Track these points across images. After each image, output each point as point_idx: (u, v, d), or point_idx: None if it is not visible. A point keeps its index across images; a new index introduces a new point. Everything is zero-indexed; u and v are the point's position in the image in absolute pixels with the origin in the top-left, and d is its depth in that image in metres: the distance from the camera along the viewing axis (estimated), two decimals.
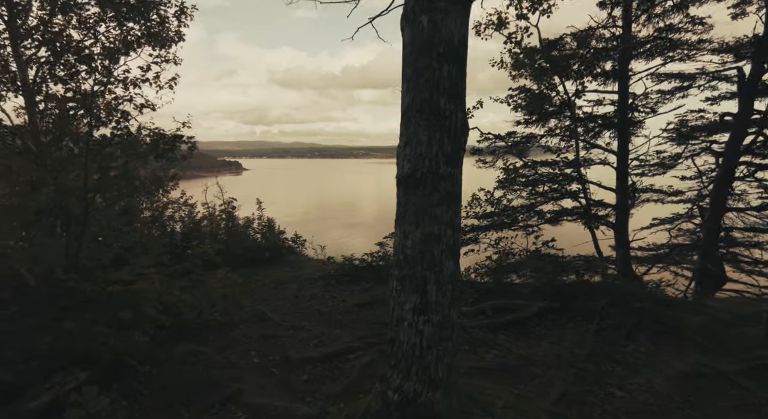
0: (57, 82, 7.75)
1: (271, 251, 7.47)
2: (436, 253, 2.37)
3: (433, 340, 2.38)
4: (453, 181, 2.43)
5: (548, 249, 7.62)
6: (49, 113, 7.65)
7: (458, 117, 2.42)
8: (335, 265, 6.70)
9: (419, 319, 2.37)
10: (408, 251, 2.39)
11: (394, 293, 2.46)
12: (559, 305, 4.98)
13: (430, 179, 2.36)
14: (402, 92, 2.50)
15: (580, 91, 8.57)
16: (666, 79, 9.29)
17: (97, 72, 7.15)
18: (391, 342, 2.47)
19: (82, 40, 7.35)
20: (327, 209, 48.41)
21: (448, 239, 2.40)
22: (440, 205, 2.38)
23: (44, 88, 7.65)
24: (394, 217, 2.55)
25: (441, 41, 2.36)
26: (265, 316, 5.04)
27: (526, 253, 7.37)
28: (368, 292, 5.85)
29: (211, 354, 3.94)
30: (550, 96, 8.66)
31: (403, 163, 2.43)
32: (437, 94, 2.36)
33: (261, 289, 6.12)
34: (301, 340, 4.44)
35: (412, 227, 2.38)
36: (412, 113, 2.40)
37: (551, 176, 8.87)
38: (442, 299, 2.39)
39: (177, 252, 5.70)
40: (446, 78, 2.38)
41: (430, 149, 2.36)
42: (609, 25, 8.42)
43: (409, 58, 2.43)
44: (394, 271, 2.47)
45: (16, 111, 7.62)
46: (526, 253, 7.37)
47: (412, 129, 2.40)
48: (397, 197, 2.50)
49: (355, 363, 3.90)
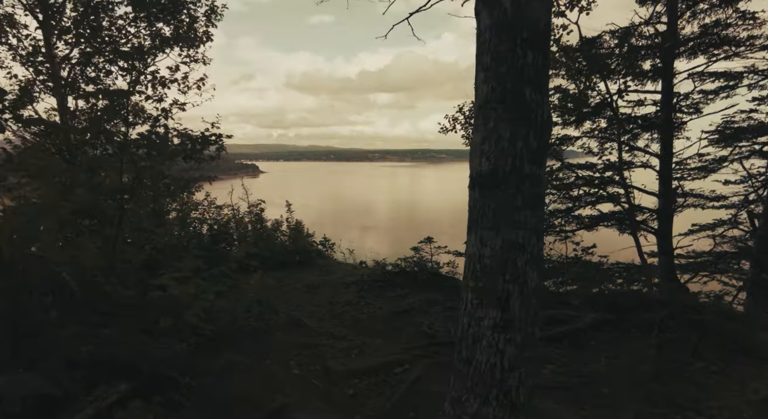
0: (88, 83, 7.74)
1: (301, 254, 7.29)
2: (519, 264, 2.11)
3: (516, 361, 2.12)
4: (538, 181, 2.18)
5: (587, 256, 7.27)
6: (81, 114, 7.65)
7: (543, 110, 2.17)
8: (367, 270, 6.48)
9: (500, 338, 2.11)
10: (487, 260, 2.14)
11: (470, 307, 2.21)
12: (613, 316, 4.65)
13: (514, 179, 2.11)
14: (477, 82, 2.26)
15: (622, 90, 8.19)
16: (709, 78, 8.82)
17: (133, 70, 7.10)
18: (465, 361, 2.21)
19: (114, 41, 7.32)
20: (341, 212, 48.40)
21: (532, 248, 2.14)
22: (524, 209, 2.12)
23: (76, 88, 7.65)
24: (467, 221, 2.31)
25: (525, 25, 2.11)
26: (301, 322, 4.85)
27: (565, 260, 7.03)
28: (404, 299, 5.60)
29: (250, 364, 3.74)
30: (588, 96, 8.30)
31: (481, 160, 2.18)
32: (522, 83, 2.11)
33: (293, 293, 5.93)
34: (341, 350, 4.22)
35: (492, 234, 2.13)
36: (492, 105, 2.15)
37: (589, 180, 8.48)
38: (526, 315, 2.13)
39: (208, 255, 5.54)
40: (531, 66, 2.13)
41: (513, 145, 2.11)
42: (654, 21, 8.04)
43: (488, 44, 2.19)
44: (469, 282, 2.22)
45: (47, 112, 7.64)
46: (565, 260, 7.03)
47: (492, 123, 2.15)
48: (471, 199, 2.26)
49: (403, 377, 3.66)
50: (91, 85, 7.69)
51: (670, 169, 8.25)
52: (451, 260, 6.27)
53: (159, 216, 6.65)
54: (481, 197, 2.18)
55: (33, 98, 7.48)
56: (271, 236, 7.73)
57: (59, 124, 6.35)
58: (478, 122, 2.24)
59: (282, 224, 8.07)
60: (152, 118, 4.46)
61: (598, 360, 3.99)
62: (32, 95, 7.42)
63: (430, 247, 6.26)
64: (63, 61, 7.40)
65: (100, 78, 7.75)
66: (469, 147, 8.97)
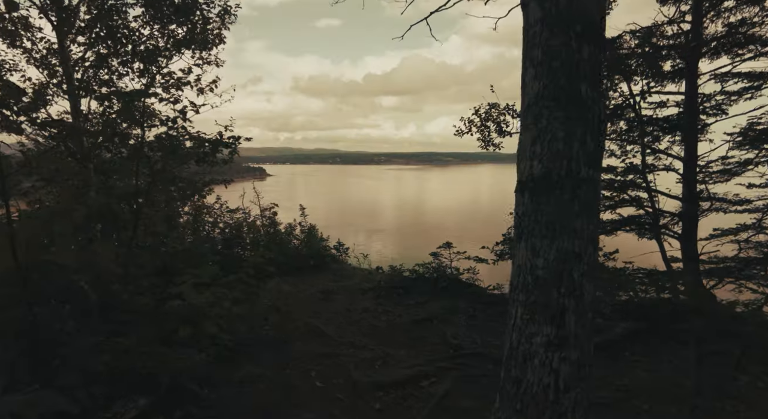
0: (102, 86, 7.69)
1: (315, 259, 7.14)
2: (576, 275, 1.94)
3: (571, 381, 1.94)
4: (594, 186, 2.01)
5: (610, 261, 7.04)
6: (93, 117, 7.59)
7: (599, 108, 2.00)
8: (384, 276, 6.30)
9: (554, 356, 1.93)
10: (540, 272, 1.97)
11: (519, 323, 2.03)
12: (645, 326, 4.44)
13: (569, 184, 1.94)
14: (526, 78, 2.10)
15: (645, 92, 7.97)
16: (732, 78, 8.56)
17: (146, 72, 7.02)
18: (514, 381, 2.04)
19: (129, 42, 7.25)
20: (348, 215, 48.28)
21: (589, 258, 1.97)
22: (580, 216, 1.95)
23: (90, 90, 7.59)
24: (514, 229, 2.14)
25: (579, 18, 1.95)
26: (319, 331, 4.69)
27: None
28: (424, 307, 5.42)
29: (271, 375, 3.58)
30: (609, 97, 8.09)
31: (532, 163, 2.02)
32: (577, 80, 1.95)
33: (309, 300, 5.78)
34: (363, 360, 4.06)
35: (545, 243, 1.96)
36: (545, 103, 1.98)
37: (610, 183, 8.24)
38: (582, 331, 1.95)
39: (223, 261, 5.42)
40: (586, 61, 1.96)
41: (568, 146, 1.94)
42: (678, 20, 7.82)
43: (538, 38, 2.03)
44: (518, 295, 2.05)
45: (60, 115, 7.59)
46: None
47: (544, 122, 1.99)
48: (520, 204, 2.09)
49: (431, 390, 3.49)
50: (105, 88, 7.63)
51: (694, 172, 7.99)
52: (472, 267, 6.09)
53: (172, 220, 6.54)
54: (532, 202, 2.01)
55: (46, 101, 7.44)
56: (284, 240, 7.59)
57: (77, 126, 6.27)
58: (527, 122, 2.08)
59: (295, 228, 7.92)
60: (168, 119, 4.34)
61: (635, 372, 3.79)
62: (46, 98, 7.38)
63: (449, 252, 6.08)
64: (77, 63, 7.34)
65: (113, 80, 7.69)
66: (483, 150, 8.69)
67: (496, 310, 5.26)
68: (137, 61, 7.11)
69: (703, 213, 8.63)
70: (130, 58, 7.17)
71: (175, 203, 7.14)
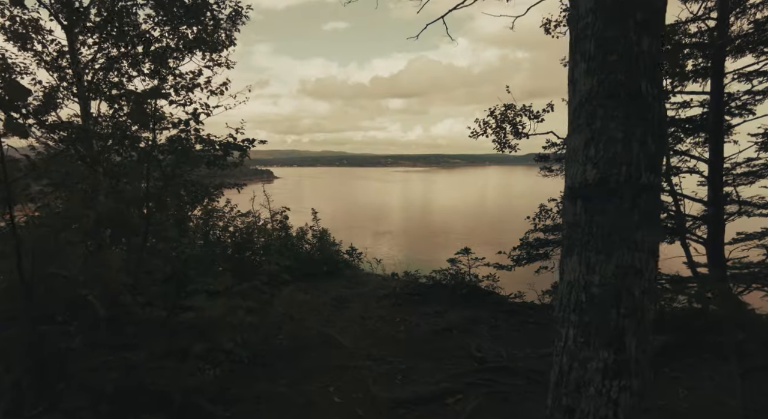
0: (112, 88, 7.59)
1: (328, 264, 6.96)
2: (636, 293, 1.73)
3: (632, 413, 1.73)
4: (655, 194, 1.80)
5: None
6: (103, 120, 7.50)
7: (661, 106, 1.79)
8: (399, 282, 6.10)
9: (612, 384, 1.72)
10: (595, 289, 1.76)
11: (571, 346, 1.82)
12: (682, 339, 4.19)
13: (629, 191, 1.73)
14: (575, 74, 1.90)
15: (669, 92, 7.71)
16: (757, 77, 8.25)
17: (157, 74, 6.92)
18: (566, 412, 1.83)
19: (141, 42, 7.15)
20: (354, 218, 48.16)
21: (650, 274, 1.76)
22: (641, 227, 1.74)
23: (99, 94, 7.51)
24: (564, 243, 1.93)
25: (639, 5, 1.75)
26: (335, 341, 4.50)
27: None
28: (443, 316, 5.21)
29: (287, 391, 3.40)
30: None
31: (585, 168, 1.81)
32: (636, 75, 1.74)
33: (323, 307, 5.59)
34: (382, 374, 3.86)
35: (602, 257, 1.75)
36: (600, 101, 1.78)
37: None
38: (642, 356, 1.74)
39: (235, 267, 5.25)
40: (646, 53, 1.76)
41: (628, 149, 1.74)
42: (702, 17, 7.55)
43: (591, 29, 1.83)
44: (569, 315, 1.84)
45: (69, 118, 7.51)
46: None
47: (599, 122, 1.78)
48: (570, 213, 1.88)
49: (456, 408, 3.28)
50: (115, 90, 7.54)
51: (720, 174, 7.70)
52: (491, 273, 5.86)
53: (183, 225, 6.40)
54: (586, 212, 1.80)
55: (57, 104, 7.37)
56: (296, 245, 7.42)
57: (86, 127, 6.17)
58: (578, 122, 1.88)
59: (307, 233, 7.75)
60: (180, 121, 4.20)
61: (676, 391, 3.54)
62: (56, 102, 7.31)
63: (467, 258, 5.86)
64: (86, 66, 7.26)
65: (123, 83, 7.60)
66: (491, 151, 8.40)
67: (519, 320, 5.03)
68: (147, 61, 7.01)
69: (730, 217, 8.33)
70: (140, 59, 7.06)
71: (186, 207, 7.02)
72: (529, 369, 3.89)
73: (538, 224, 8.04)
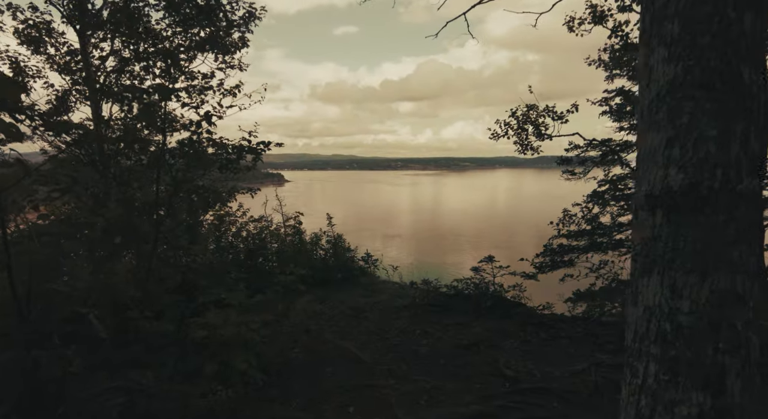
0: (124, 90, 7.46)
1: (343, 271, 6.71)
2: (738, 325, 1.42)
3: None
4: (758, 202, 1.49)
5: None
6: (114, 123, 7.37)
7: (767, 97, 1.49)
8: (418, 292, 5.80)
9: None
10: (684, 318, 1.46)
11: (653, 384, 1.52)
12: None
13: (724, 200, 1.43)
14: (651, 61, 1.60)
15: None
16: None
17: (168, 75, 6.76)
18: None
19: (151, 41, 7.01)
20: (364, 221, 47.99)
21: (753, 300, 1.45)
22: (740, 242, 1.44)
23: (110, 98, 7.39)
24: (631, 258, 1.64)
25: None
26: (353, 355, 4.23)
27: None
28: (468, 329, 4.90)
29: (304, 415, 3.13)
30: None
31: (667, 172, 1.51)
32: (736, 60, 1.44)
33: (339, 318, 5.32)
34: (405, 394, 3.57)
35: (694, 279, 1.45)
36: (687, 92, 1.48)
37: None
38: (749, 401, 1.43)
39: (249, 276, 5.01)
40: (749, 35, 1.46)
41: (724, 148, 1.44)
42: None
43: (674, 7, 1.53)
44: (649, 347, 1.54)
45: (81, 121, 7.40)
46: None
47: (685, 118, 1.49)
48: (648, 226, 1.58)
49: None
50: (126, 93, 7.41)
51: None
52: (518, 283, 5.53)
53: (194, 231, 6.19)
54: (669, 224, 1.51)
55: (69, 108, 7.28)
56: (309, 251, 7.17)
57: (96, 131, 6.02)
58: (656, 118, 1.58)
59: (321, 238, 7.50)
60: (192, 123, 3.99)
61: None
62: (68, 105, 7.22)
63: (491, 267, 5.55)
64: (98, 69, 7.15)
65: (134, 85, 7.47)
66: (506, 155, 8.11)
67: (550, 333, 4.70)
68: (159, 60, 6.86)
69: None
70: (152, 59, 6.92)
71: (197, 213, 6.83)
72: (564, 390, 3.58)
73: (562, 230, 7.68)
